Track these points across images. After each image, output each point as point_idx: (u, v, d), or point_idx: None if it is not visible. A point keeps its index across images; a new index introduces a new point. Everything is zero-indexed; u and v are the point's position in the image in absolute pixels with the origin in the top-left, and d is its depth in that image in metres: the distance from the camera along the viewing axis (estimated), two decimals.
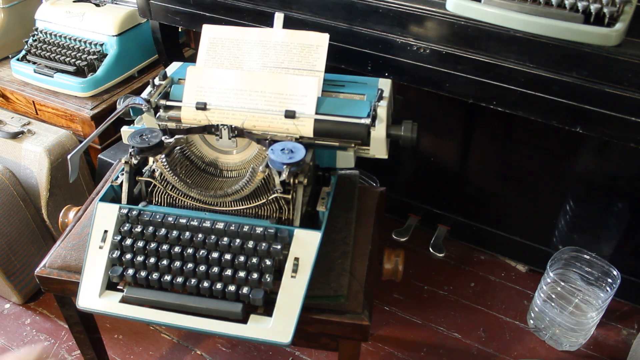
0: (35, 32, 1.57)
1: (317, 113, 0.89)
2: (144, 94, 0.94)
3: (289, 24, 1.17)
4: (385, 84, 0.95)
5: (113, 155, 1.43)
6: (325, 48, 0.93)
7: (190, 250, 0.84)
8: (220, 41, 0.97)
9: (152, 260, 0.84)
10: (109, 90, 1.51)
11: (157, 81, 0.96)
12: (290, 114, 0.88)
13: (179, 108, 0.93)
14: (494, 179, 1.51)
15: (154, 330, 1.42)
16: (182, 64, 1.03)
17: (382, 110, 0.88)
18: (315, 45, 0.94)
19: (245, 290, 0.80)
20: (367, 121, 0.87)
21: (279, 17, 0.97)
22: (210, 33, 0.98)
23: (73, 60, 1.48)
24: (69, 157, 0.88)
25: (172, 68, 1.03)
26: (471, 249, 1.64)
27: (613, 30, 0.92)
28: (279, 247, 0.82)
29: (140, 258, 0.85)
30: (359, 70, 1.15)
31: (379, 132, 0.88)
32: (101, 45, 1.50)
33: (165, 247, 0.85)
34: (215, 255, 0.83)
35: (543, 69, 0.98)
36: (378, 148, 0.90)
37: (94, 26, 1.51)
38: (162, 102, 0.93)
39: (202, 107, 0.91)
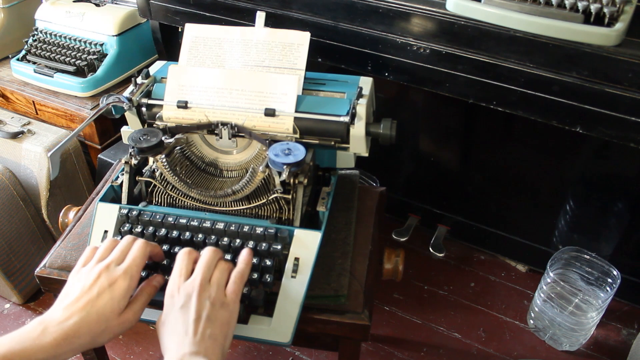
0: (35, 32, 1.57)
1: (297, 111, 0.89)
2: (126, 93, 0.94)
3: (289, 24, 1.18)
4: (366, 82, 0.95)
5: (113, 155, 1.43)
6: (306, 46, 0.94)
7: None
8: (203, 40, 0.97)
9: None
10: (109, 90, 1.51)
11: (139, 80, 0.96)
12: (269, 112, 0.88)
13: (160, 106, 0.93)
14: (494, 179, 1.51)
15: (154, 330, 1.42)
16: (165, 63, 1.03)
17: (362, 108, 0.88)
18: (296, 43, 0.94)
19: (245, 290, 0.80)
20: (346, 119, 0.87)
21: (260, 15, 0.97)
22: (192, 32, 0.98)
23: (73, 60, 1.48)
24: (49, 155, 0.88)
25: (156, 67, 1.02)
26: (471, 249, 1.64)
27: (613, 30, 0.92)
28: (279, 247, 0.82)
29: None
30: (358, 70, 1.15)
31: (358, 130, 0.88)
32: (101, 45, 1.51)
33: (165, 247, 0.85)
34: None
35: (543, 69, 0.98)
36: (357, 145, 0.90)
37: (94, 26, 1.51)
38: (144, 100, 0.93)
39: (183, 105, 0.91)
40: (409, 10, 1.05)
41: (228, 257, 0.83)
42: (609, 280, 1.34)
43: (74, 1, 1.59)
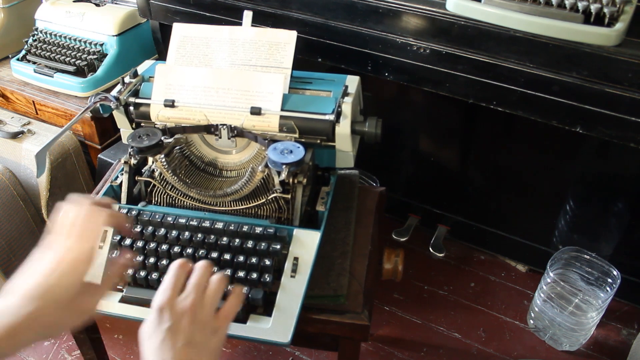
0: (35, 32, 1.57)
1: (282, 109, 0.89)
2: (114, 92, 0.94)
3: (288, 24, 1.18)
4: (352, 81, 0.95)
5: (113, 155, 1.43)
6: (293, 45, 0.94)
7: (189, 250, 0.84)
8: (190, 39, 0.97)
9: (152, 260, 0.84)
10: (109, 90, 1.50)
11: (127, 79, 0.96)
12: (255, 111, 0.89)
13: (148, 105, 0.93)
14: (494, 179, 1.51)
15: None
16: (153, 62, 1.03)
17: (347, 107, 0.88)
18: (283, 42, 0.94)
19: (244, 290, 0.80)
20: (332, 117, 0.87)
21: (247, 14, 0.97)
22: (180, 31, 0.98)
23: (73, 60, 1.48)
24: (35, 154, 0.88)
25: (144, 66, 1.03)
26: (471, 249, 1.64)
27: (613, 30, 0.92)
28: (278, 246, 0.82)
29: (139, 258, 0.85)
30: (358, 70, 1.15)
31: (343, 128, 0.88)
32: (101, 45, 1.51)
33: (164, 247, 0.85)
34: (214, 255, 0.83)
35: (543, 69, 0.98)
36: (343, 143, 0.90)
37: (94, 26, 1.51)
38: (132, 99, 0.93)
39: (170, 104, 0.91)
40: (409, 10, 1.05)
41: (227, 257, 0.83)
42: (609, 280, 1.34)
43: (74, 1, 1.59)
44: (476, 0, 0.99)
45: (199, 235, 0.84)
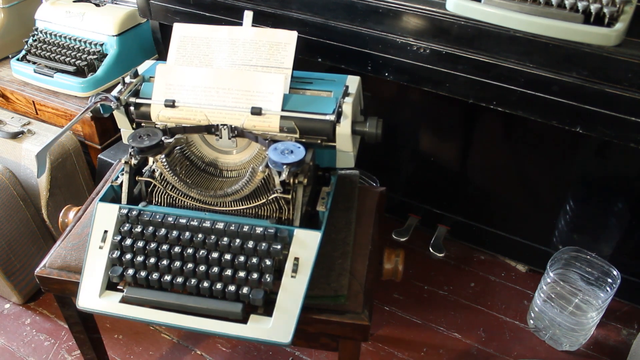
0: (35, 32, 1.57)
1: (283, 109, 0.89)
2: (115, 92, 0.94)
3: (288, 24, 1.18)
4: (352, 81, 0.95)
5: (113, 155, 1.43)
6: (294, 45, 0.94)
7: (190, 250, 0.84)
8: (190, 39, 0.97)
9: (152, 260, 0.84)
10: (109, 90, 1.51)
11: (127, 79, 0.96)
12: (256, 111, 0.89)
13: (148, 105, 0.93)
14: (494, 179, 1.51)
15: (154, 330, 1.42)
16: (154, 62, 1.03)
17: (348, 107, 0.88)
18: (283, 42, 0.94)
19: (245, 290, 0.80)
20: (332, 117, 0.88)
21: (247, 14, 0.97)
22: (180, 31, 0.98)
23: (73, 60, 1.48)
24: (35, 154, 0.88)
25: (144, 66, 1.03)
26: (471, 249, 1.64)
27: (613, 30, 0.92)
28: (278, 247, 0.82)
29: (140, 258, 0.85)
30: (358, 70, 1.15)
31: (344, 129, 0.88)
32: (101, 45, 1.51)
33: (165, 247, 0.85)
34: (215, 255, 0.83)
35: (543, 69, 0.98)
36: (344, 144, 0.90)
37: (94, 26, 1.51)
38: (132, 99, 0.93)
39: (170, 104, 0.91)
40: (409, 10, 1.05)
41: (228, 257, 0.83)
42: (609, 280, 1.34)
43: (74, 1, 1.59)
44: (476, 0, 1.00)
45: (200, 235, 0.84)
